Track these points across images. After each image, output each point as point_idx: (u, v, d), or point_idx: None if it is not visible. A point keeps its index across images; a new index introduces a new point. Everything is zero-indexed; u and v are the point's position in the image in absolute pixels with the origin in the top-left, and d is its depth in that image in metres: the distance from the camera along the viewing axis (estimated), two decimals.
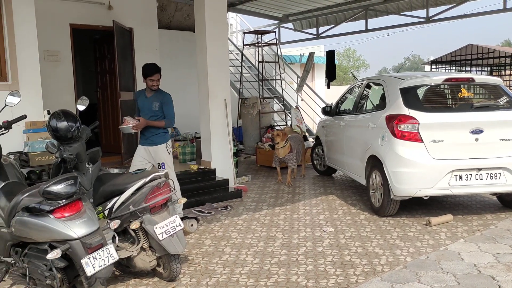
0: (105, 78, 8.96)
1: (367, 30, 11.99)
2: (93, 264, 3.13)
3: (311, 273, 4.09)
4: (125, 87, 8.07)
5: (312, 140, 9.77)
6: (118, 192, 3.81)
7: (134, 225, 3.65)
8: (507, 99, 5.74)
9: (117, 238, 3.57)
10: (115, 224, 3.51)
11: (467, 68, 11.01)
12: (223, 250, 4.74)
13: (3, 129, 4.13)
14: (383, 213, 5.73)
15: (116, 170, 4.43)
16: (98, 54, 9.16)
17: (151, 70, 5.40)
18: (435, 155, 5.36)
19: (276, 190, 7.49)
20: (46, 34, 7.33)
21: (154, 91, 5.49)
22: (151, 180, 3.81)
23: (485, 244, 4.68)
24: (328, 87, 13.39)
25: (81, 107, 4.69)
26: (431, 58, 11.70)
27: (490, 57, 10.29)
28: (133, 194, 3.75)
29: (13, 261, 3.52)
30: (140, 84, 8.67)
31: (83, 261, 3.12)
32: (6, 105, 4.24)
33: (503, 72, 10.69)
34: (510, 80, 10.15)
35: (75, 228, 3.17)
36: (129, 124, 5.23)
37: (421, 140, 5.38)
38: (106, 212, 3.81)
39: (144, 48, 8.77)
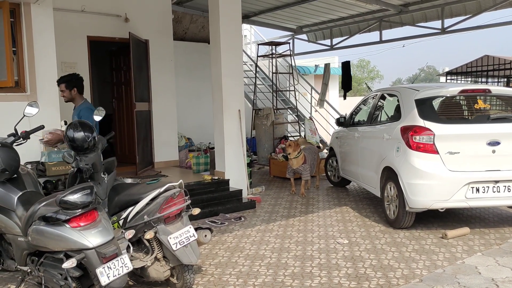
0: (121, 89, 9.08)
1: (381, 41, 11.98)
2: (107, 274, 3.14)
3: (325, 285, 4.05)
4: (140, 98, 8.16)
5: (326, 151, 9.74)
6: (133, 202, 3.84)
7: (149, 235, 3.67)
8: None
9: (131, 248, 3.58)
10: (129, 234, 3.53)
11: (483, 80, 10.90)
12: (236, 261, 4.73)
13: (21, 139, 4.20)
14: (398, 225, 5.67)
15: (129, 180, 4.44)
16: (114, 65, 9.30)
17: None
18: (451, 167, 5.30)
19: (290, 201, 7.47)
20: (64, 45, 7.47)
21: (79, 103, 5.49)
22: (165, 190, 3.83)
23: (503, 258, 4.59)
24: (345, 98, 13.36)
25: (97, 118, 4.74)
26: (446, 69, 11.61)
27: (507, 68, 10.17)
28: (147, 204, 3.77)
29: (29, 270, 3.55)
30: (156, 95, 8.80)
31: (98, 271, 3.13)
32: (24, 115, 4.32)
33: None
34: None
35: (91, 238, 3.19)
36: (44, 138, 5.19)
37: (436, 152, 5.33)
38: (121, 222, 3.84)
39: (159, 60, 8.87)
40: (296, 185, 8.20)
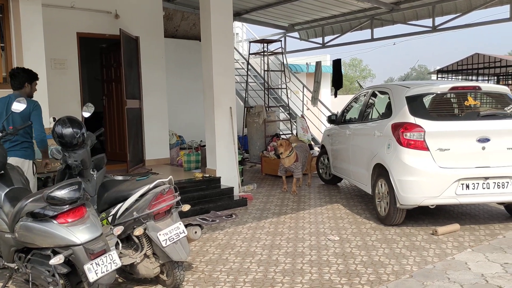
0: (111, 86, 9.02)
1: (373, 39, 12.00)
2: (95, 270, 3.12)
3: (316, 282, 4.05)
4: (131, 95, 8.11)
5: (318, 149, 9.74)
6: (122, 199, 3.80)
7: (138, 231, 3.64)
8: None
9: (120, 244, 3.55)
10: (118, 230, 3.50)
11: (474, 77, 10.97)
12: (227, 258, 4.71)
13: (9, 135, 4.15)
14: (389, 222, 5.68)
15: (120, 177, 4.41)
16: (105, 62, 9.23)
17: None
18: (442, 164, 5.32)
19: (281, 198, 7.46)
20: (53, 42, 7.40)
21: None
22: (155, 187, 3.80)
23: (493, 254, 4.62)
24: (335, 96, 13.38)
25: (86, 114, 4.71)
26: (438, 68, 11.66)
27: (497, 66, 10.24)
28: (137, 200, 3.74)
29: (16, 267, 3.51)
30: (147, 92, 8.75)
31: (85, 267, 3.10)
32: (12, 111, 4.26)
33: (510, 82, 10.64)
34: None
35: (78, 234, 3.16)
36: None
37: (427, 149, 5.35)
38: (110, 219, 3.80)
39: (150, 57, 8.83)
40: (287, 183, 8.19)
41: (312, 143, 10.94)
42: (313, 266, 4.42)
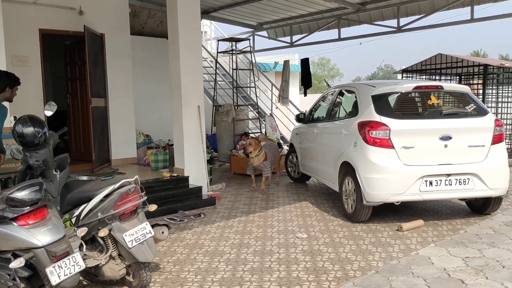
0: (76, 84, 8.80)
1: (340, 39, 12.18)
2: (58, 273, 3.03)
3: (284, 279, 4.07)
4: (96, 94, 7.94)
5: (287, 148, 9.79)
6: (86, 199, 3.72)
7: (103, 232, 3.56)
8: (475, 107, 5.88)
9: (84, 246, 3.47)
10: (82, 231, 3.41)
11: (437, 77, 11.26)
12: (195, 257, 4.67)
13: None
14: (355, 219, 5.76)
15: (85, 178, 4.30)
16: (69, 59, 9.00)
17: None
18: (406, 161, 5.44)
19: (250, 197, 7.46)
20: (14, 39, 7.17)
21: None
22: (120, 187, 3.73)
23: (455, 248, 4.75)
24: (305, 95, 13.48)
25: (48, 113, 4.58)
26: (403, 67, 11.92)
27: (459, 66, 10.54)
28: (101, 201, 3.66)
29: None
30: (113, 91, 8.59)
31: (47, 270, 3.01)
32: None
33: (471, 81, 10.97)
34: (478, 89, 10.43)
35: (40, 236, 3.06)
36: None
37: (392, 147, 5.45)
38: (73, 220, 3.71)
39: (116, 54, 8.66)
40: (256, 182, 8.20)
41: (281, 141, 10.99)
42: (281, 264, 4.44)
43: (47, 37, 8.39)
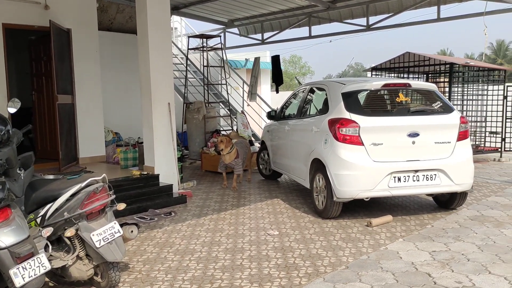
0: (41, 80, 8.55)
1: (310, 37, 12.26)
2: (22, 275, 2.94)
3: (255, 276, 4.07)
4: (62, 91, 7.74)
5: (258, 145, 9.79)
6: (51, 199, 3.61)
7: (69, 232, 3.47)
8: (441, 104, 6.02)
9: (50, 246, 3.38)
10: (47, 232, 3.32)
11: (405, 75, 11.46)
12: (165, 256, 4.62)
13: None
14: (326, 215, 5.81)
15: (51, 176, 4.19)
16: (34, 55, 8.73)
17: None
18: (375, 158, 5.51)
19: (221, 195, 7.43)
20: None
21: None
22: (87, 185, 3.64)
23: (422, 243, 4.86)
24: (277, 92, 13.50)
25: (11, 110, 4.42)
26: (373, 65, 12.08)
27: (426, 65, 10.76)
28: (68, 200, 3.56)
29: None
30: (80, 87, 8.39)
31: (11, 272, 2.92)
32: None
33: (438, 79, 11.22)
34: (444, 87, 10.67)
35: (3, 237, 2.97)
36: None
37: (361, 143, 5.52)
38: (38, 220, 3.60)
39: (83, 50, 8.46)
40: (228, 179, 8.18)
41: (253, 139, 10.99)
42: (252, 261, 4.44)
43: (11, 32, 8.12)
